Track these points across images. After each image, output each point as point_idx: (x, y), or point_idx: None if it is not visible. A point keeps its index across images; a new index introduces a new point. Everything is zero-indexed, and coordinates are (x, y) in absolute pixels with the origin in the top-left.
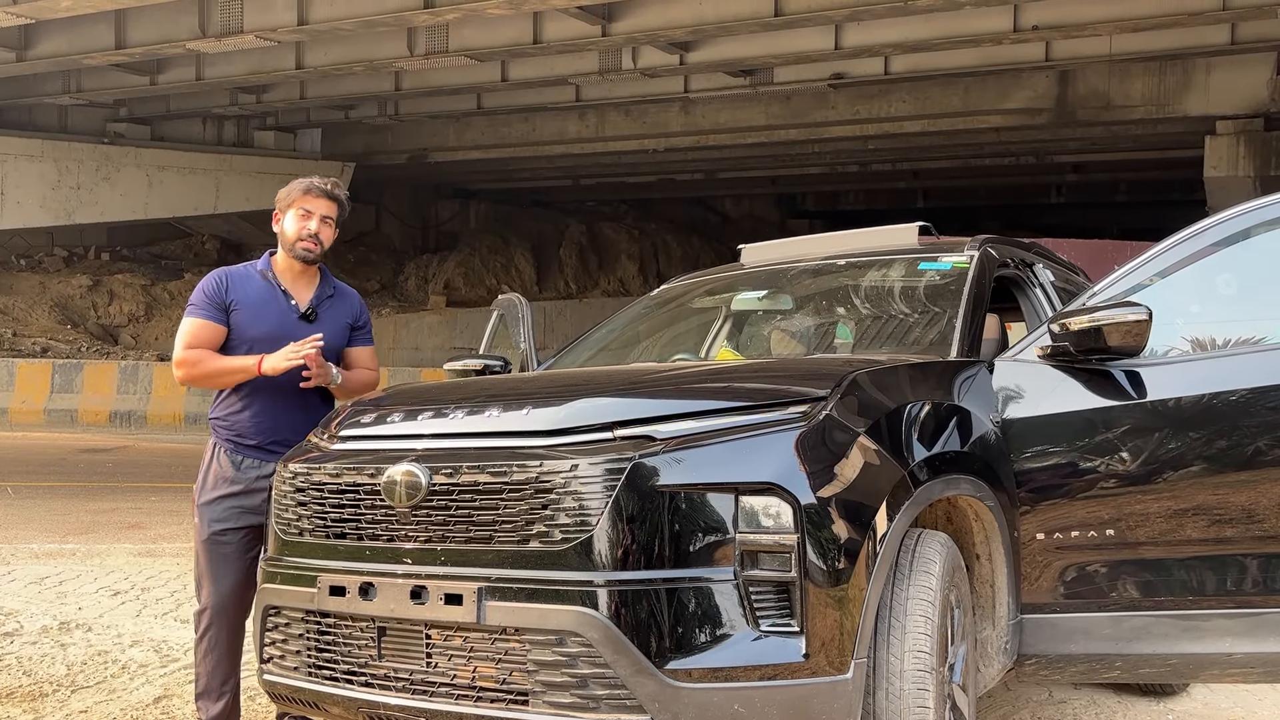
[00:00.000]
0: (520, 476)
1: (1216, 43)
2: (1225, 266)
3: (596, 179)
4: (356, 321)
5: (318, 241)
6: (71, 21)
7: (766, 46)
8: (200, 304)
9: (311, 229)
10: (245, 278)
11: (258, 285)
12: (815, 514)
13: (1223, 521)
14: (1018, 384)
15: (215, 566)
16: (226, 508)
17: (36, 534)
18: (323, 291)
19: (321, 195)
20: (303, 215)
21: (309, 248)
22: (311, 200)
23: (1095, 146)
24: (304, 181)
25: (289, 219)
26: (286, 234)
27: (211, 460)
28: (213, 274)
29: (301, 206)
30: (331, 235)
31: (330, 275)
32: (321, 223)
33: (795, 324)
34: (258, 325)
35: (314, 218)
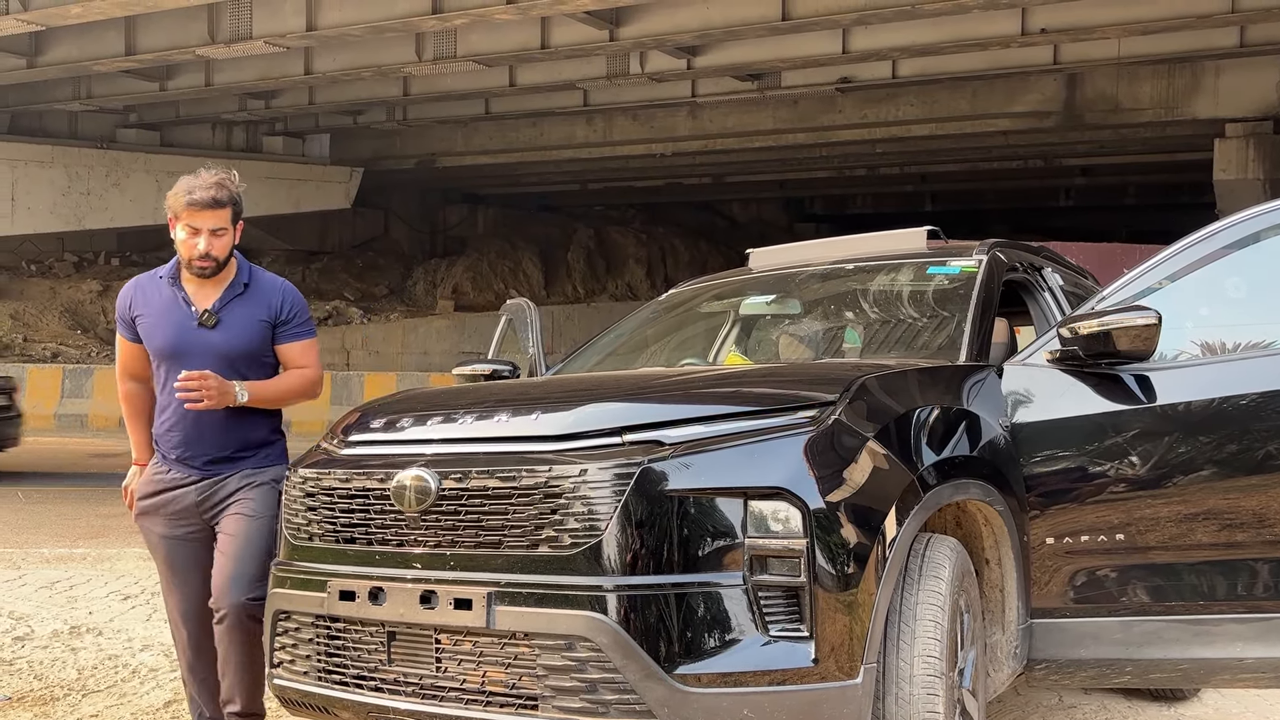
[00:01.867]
0: (529, 481)
1: (1225, 45)
2: (1235, 270)
3: (604, 183)
4: (278, 316)
5: (211, 259)
6: (82, 28)
7: (774, 50)
8: (118, 319)
9: (200, 249)
10: (152, 286)
11: (162, 294)
12: (824, 519)
13: (1234, 526)
14: (1027, 388)
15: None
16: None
17: (47, 539)
18: (231, 291)
19: (204, 208)
20: (189, 233)
21: (203, 266)
22: (196, 215)
23: (1104, 150)
24: (184, 189)
25: (178, 233)
26: (180, 249)
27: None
28: (126, 285)
29: (187, 223)
30: (228, 244)
31: (248, 267)
32: (212, 237)
33: (803, 328)
34: (157, 337)
35: (201, 235)
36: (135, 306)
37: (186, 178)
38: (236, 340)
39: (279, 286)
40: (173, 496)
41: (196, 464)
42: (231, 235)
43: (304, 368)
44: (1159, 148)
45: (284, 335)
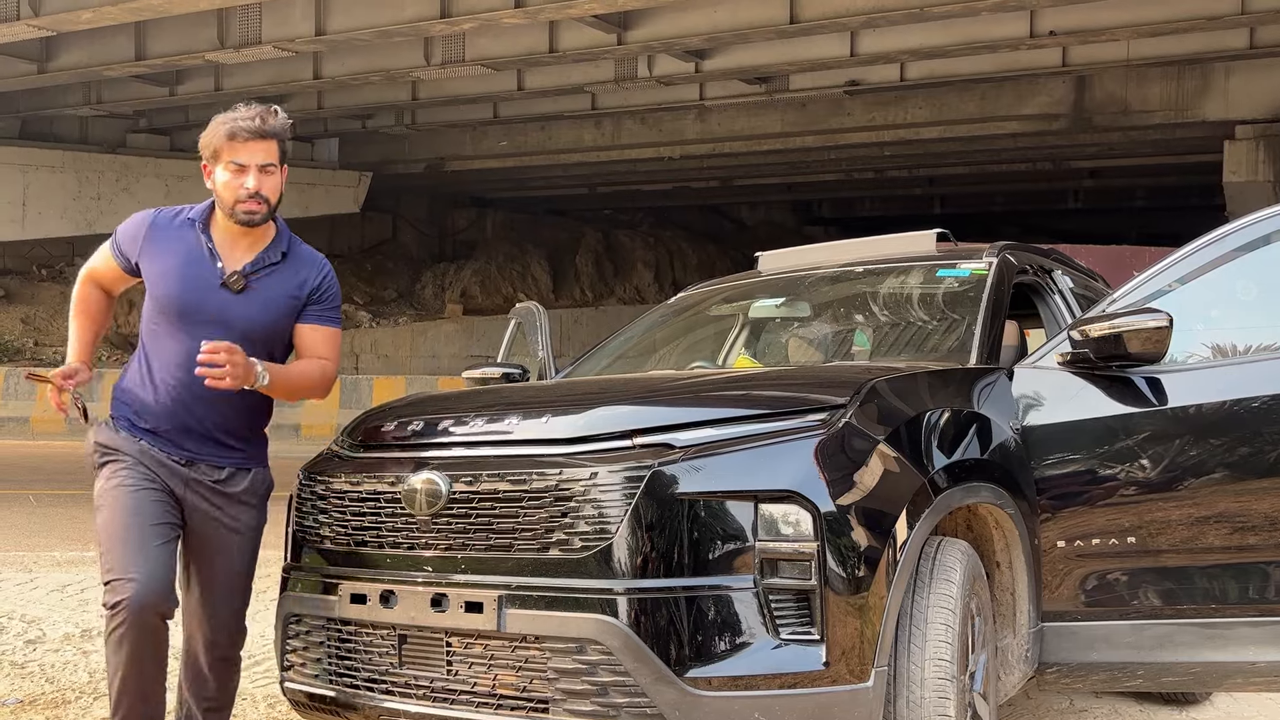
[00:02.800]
0: (540, 484)
1: (1235, 47)
2: (1245, 272)
3: (612, 187)
4: (311, 295)
5: (262, 200)
6: (92, 34)
7: (782, 54)
8: (114, 241)
9: (250, 187)
10: (175, 228)
11: (186, 239)
12: (835, 522)
13: (1245, 529)
14: (1037, 391)
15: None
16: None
17: (58, 542)
18: (266, 256)
19: (252, 137)
20: (235, 171)
21: (252, 210)
22: (240, 147)
23: (1113, 152)
24: (227, 121)
25: (219, 175)
26: (220, 195)
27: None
28: (148, 211)
29: (231, 159)
30: (278, 185)
31: (288, 235)
32: (261, 174)
33: (813, 331)
34: (169, 287)
35: (249, 172)
36: (146, 246)
37: (222, 114)
38: (261, 315)
39: (319, 261)
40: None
41: (177, 444)
42: (282, 176)
43: (324, 359)
44: (1168, 150)
45: (311, 315)
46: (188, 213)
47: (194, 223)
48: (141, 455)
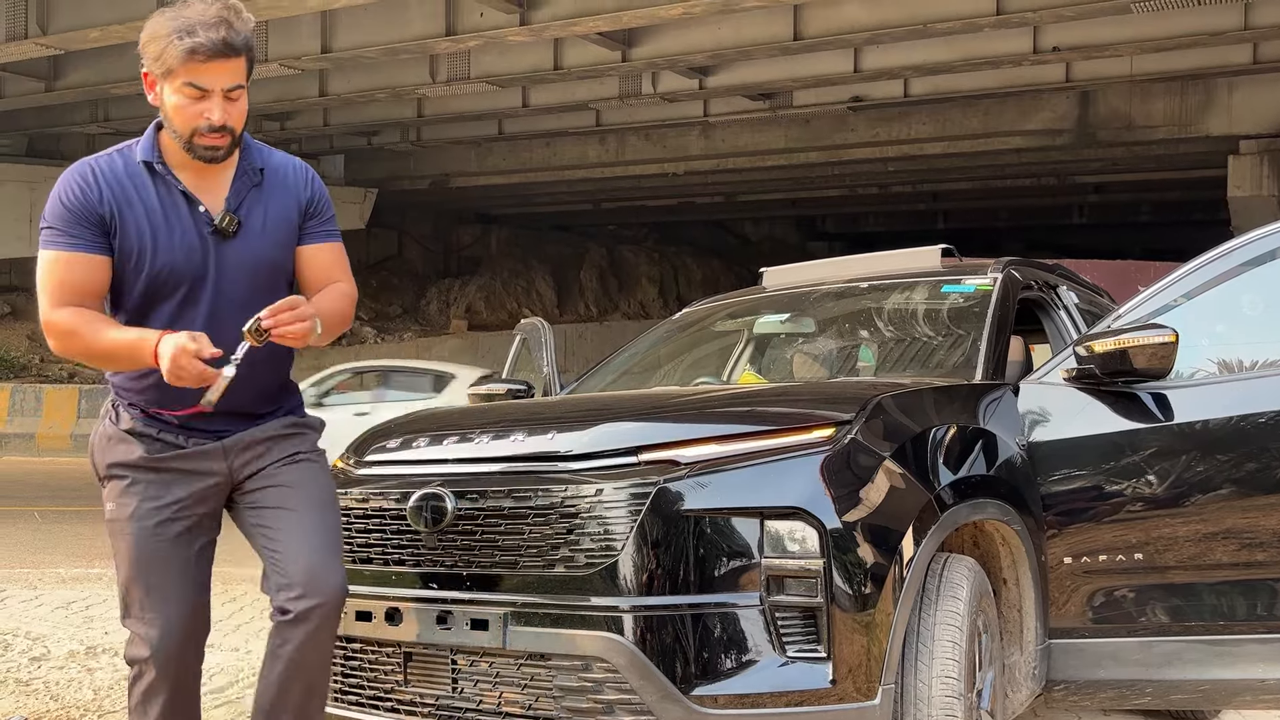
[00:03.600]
0: (545, 501)
1: (1238, 62)
2: (1252, 287)
3: (617, 202)
4: (307, 210)
5: (227, 133)
6: (99, 52)
7: (785, 70)
8: (63, 225)
9: (215, 120)
10: (128, 177)
11: (149, 189)
12: (841, 539)
13: (1253, 545)
14: (1043, 407)
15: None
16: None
17: (63, 559)
18: (244, 180)
19: (216, 54)
20: (194, 96)
21: (214, 145)
22: (201, 69)
23: (1117, 167)
24: (181, 29)
25: (170, 97)
26: (172, 121)
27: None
28: (72, 173)
29: (188, 81)
30: (245, 108)
31: (255, 146)
32: (227, 101)
33: (818, 347)
34: (159, 257)
35: (212, 98)
36: (111, 202)
37: (165, 11)
38: (263, 250)
39: (301, 168)
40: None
41: (207, 430)
42: (246, 99)
43: (339, 281)
44: (1172, 165)
45: (312, 234)
46: (131, 153)
47: (148, 163)
48: (161, 465)
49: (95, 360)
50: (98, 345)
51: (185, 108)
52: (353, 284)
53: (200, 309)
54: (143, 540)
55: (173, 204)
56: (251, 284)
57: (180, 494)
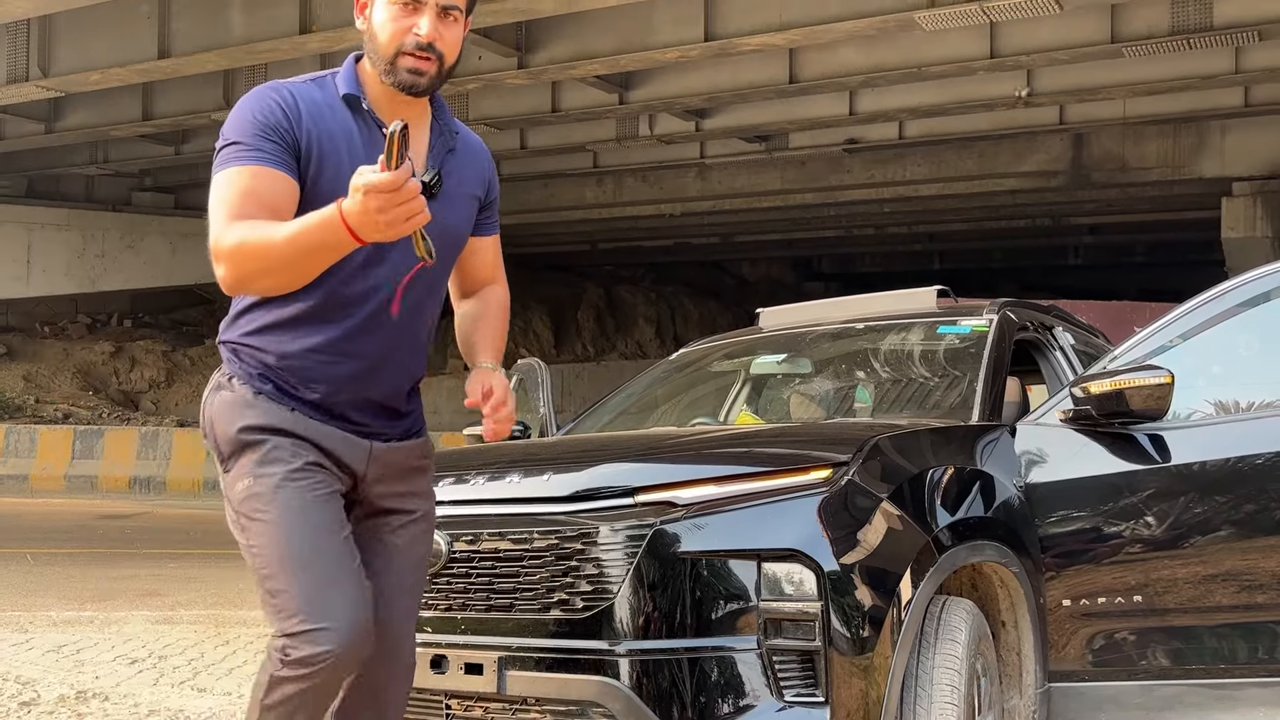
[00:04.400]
0: (541, 543)
1: (1230, 105)
2: (1247, 329)
3: (614, 243)
4: (488, 193)
5: (435, 56)
6: (99, 94)
7: (781, 113)
8: (252, 140)
9: (422, 33)
10: (320, 107)
11: (341, 123)
12: (839, 581)
13: (1253, 588)
14: (1040, 448)
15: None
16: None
17: (54, 601)
18: (442, 143)
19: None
20: (403, 8)
21: (419, 69)
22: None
23: (1112, 208)
24: None
25: (379, 13)
26: (376, 40)
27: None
28: (263, 92)
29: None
30: (456, 41)
31: (446, 107)
32: (441, 19)
33: (814, 388)
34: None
35: (424, 11)
36: (309, 133)
37: None
38: (454, 220)
39: (484, 147)
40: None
41: (350, 418)
42: (462, 30)
43: (498, 279)
44: (1167, 206)
45: (486, 225)
46: (330, 84)
47: (347, 97)
48: (307, 433)
49: (277, 271)
50: (275, 244)
51: (394, 21)
52: (506, 284)
53: (383, 270)
54: (298, 510)
55: (368, 142)
56: (440, 256)
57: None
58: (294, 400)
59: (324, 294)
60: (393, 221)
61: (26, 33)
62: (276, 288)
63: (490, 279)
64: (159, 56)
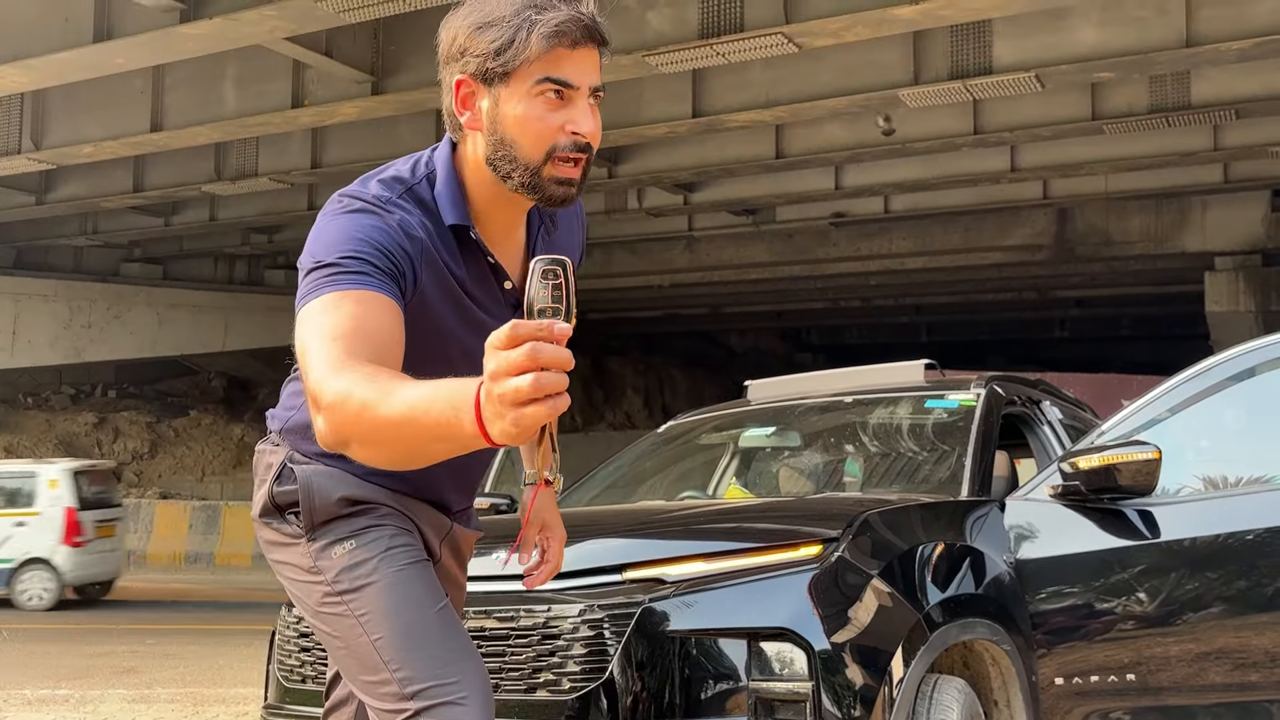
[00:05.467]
0: (528, 622)
1: (1210, 181)
2: (1233, 404)
3: (603, 314)
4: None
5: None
6: (91, 166)
7: (769, 187)
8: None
9: (583, 129)
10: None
11: (451, 253)
12: (830, 660)
13: (1247, 666)
14: (1030, 523)
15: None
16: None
17: (29, 679)
18: (542, 233)
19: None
20: (552, 101)
21: (570, 179)
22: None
23: (1097, 282)
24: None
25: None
26: (517, 146)
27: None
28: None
29: (548, 75)
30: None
31: None
32: (593, 107)
33: (803, 461)
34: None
35: (579, 100)
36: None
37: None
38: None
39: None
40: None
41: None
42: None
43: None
44: (1151, 280)
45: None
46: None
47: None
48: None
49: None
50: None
51: (541, 119)
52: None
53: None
54: (414, 576)
55: (480, 276)
56: None
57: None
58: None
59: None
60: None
61: (20, 106)
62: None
63: None
64: (151, 130)
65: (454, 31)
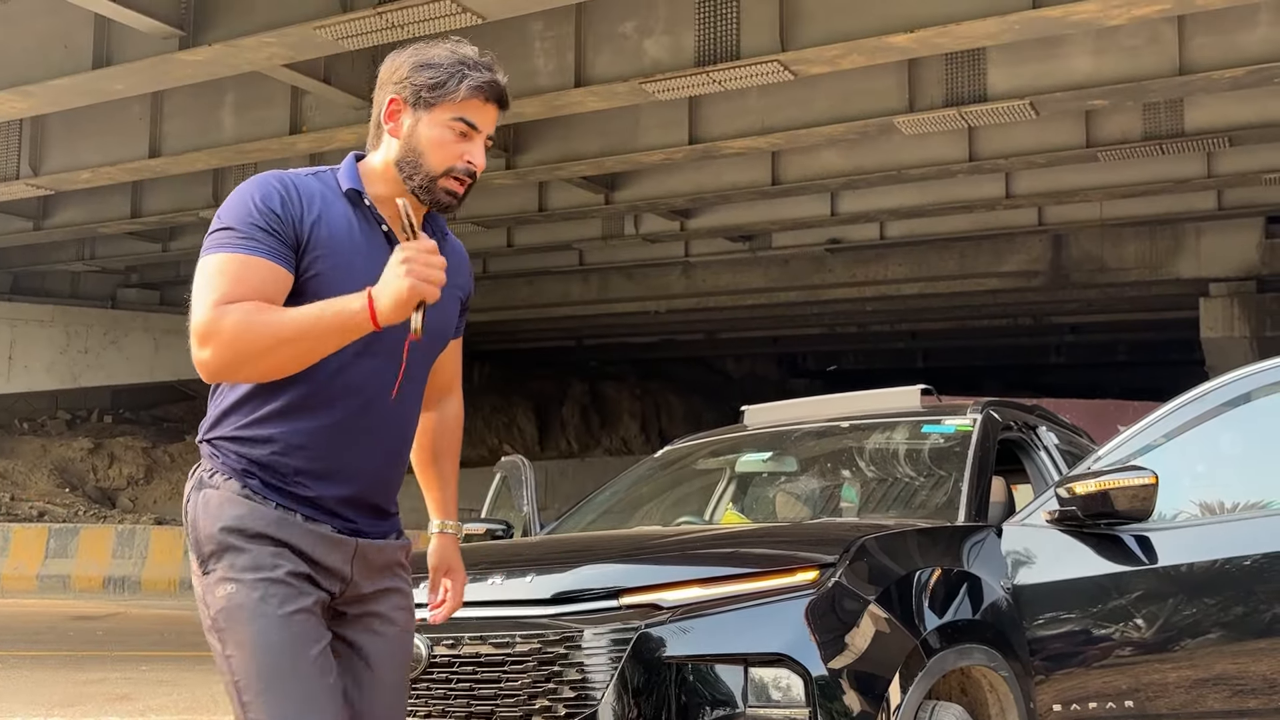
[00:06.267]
0: (524, 648)
1: (1204, 208)
2: (1229, 429)
3: (599, 339)
4: (467, 299)
5: (471, 181)
6: (89, 192)
7: (765, 213)
8: (249, 228)
9: (477, 161)
10: (322, 200)
11: (342, 216)
12: (827, 687)
13: (1245, 692)
14: (1027, 549)
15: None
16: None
17: (21, 706)
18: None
19: (494, 98)
20: (461, 134)
21: (456, 191)
22: (480, 109)
23: (1092, 308)
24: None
25: (430, 131)
26: (423, 156)
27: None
28: (266, 180)
29: (460, 117)
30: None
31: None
32: (485, 148)
33: (800, 486)
34: (348, 286)
35: (478, 140)
36: (310, 225)
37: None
38: (438, 320)
39: (465, 253)
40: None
41: (348, 514)
42: None
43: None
44: (1146, 306)
45: (458, 328)
46: (331, 178)
47: (349, 192)
48: (292, 538)
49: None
50: (281, 326)
51: (448, 144)
52: (462, 394)
53: (371, 362)
54: (280, 624)
55: (376, 242)
56: (426, 350)
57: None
58: (282, 496)
59: (316, 385)
60: (419, 275)
61: (19, 132)
62: (268, 371)
63: (450, 383)
64: (150, 156)
65: (397, 64)
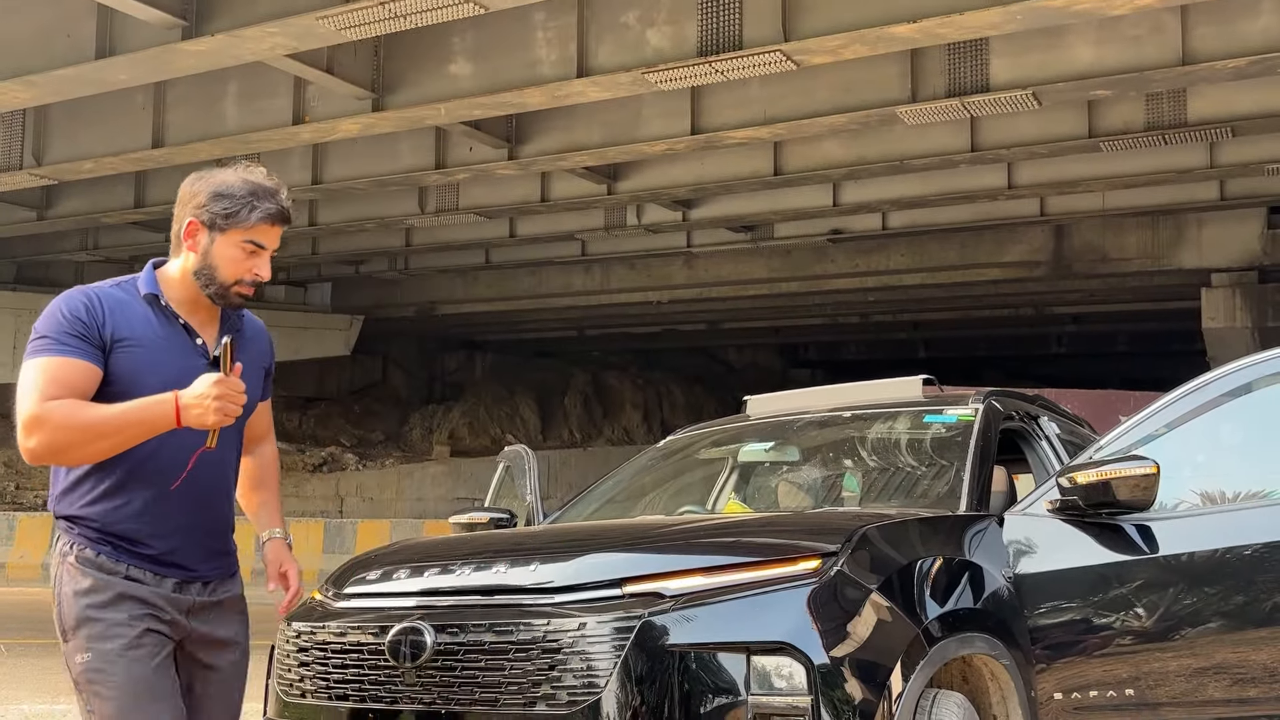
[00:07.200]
0: (527, 636)
1: (1206, 199)
2: (1230, 419)
3: (601, 329)
4: (269, 369)
5: (260, 288)
6: (92, 182)
7: (767, 204)
8: (61, 335)
9: (264, 274)
10: (123, 304)
11: (151, 320)
12: (829, 674)
13: (1245, 681)
14: (1028, 538)
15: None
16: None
17: (28, 694)
18: (229, 325)
19: (280, 220)
20: (250, 252)
21: (247, 296)
22: (268, 231)
23: (1093, 298)
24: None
25: (223, 249)
26: (217, 270)
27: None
28: (73, 295)
29: (250, 239)
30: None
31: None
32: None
33: (802, 476)
34: (154, 379)
35: (264, 255)
36: (113, 326)
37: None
38: (251, 389)
39: (266, 331)
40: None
41: (180, 564)
42: None
43: (270, 437)
44: (1147, 296)
45: (266, 391)
46: (132, 286)
47: (148, 296)
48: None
49: (92, 442)
50: (98, 421)
51: (239, 261)
52: (275, 440)
53: (183, 439)
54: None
55: (174, 334)
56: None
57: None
58: (132, 557)
59: (137, 462)
60: (223, 410)
61: (22, 122)
62: (85, 459)
63: (264, 435)
64: (153, 146)
65: (196, 190)
